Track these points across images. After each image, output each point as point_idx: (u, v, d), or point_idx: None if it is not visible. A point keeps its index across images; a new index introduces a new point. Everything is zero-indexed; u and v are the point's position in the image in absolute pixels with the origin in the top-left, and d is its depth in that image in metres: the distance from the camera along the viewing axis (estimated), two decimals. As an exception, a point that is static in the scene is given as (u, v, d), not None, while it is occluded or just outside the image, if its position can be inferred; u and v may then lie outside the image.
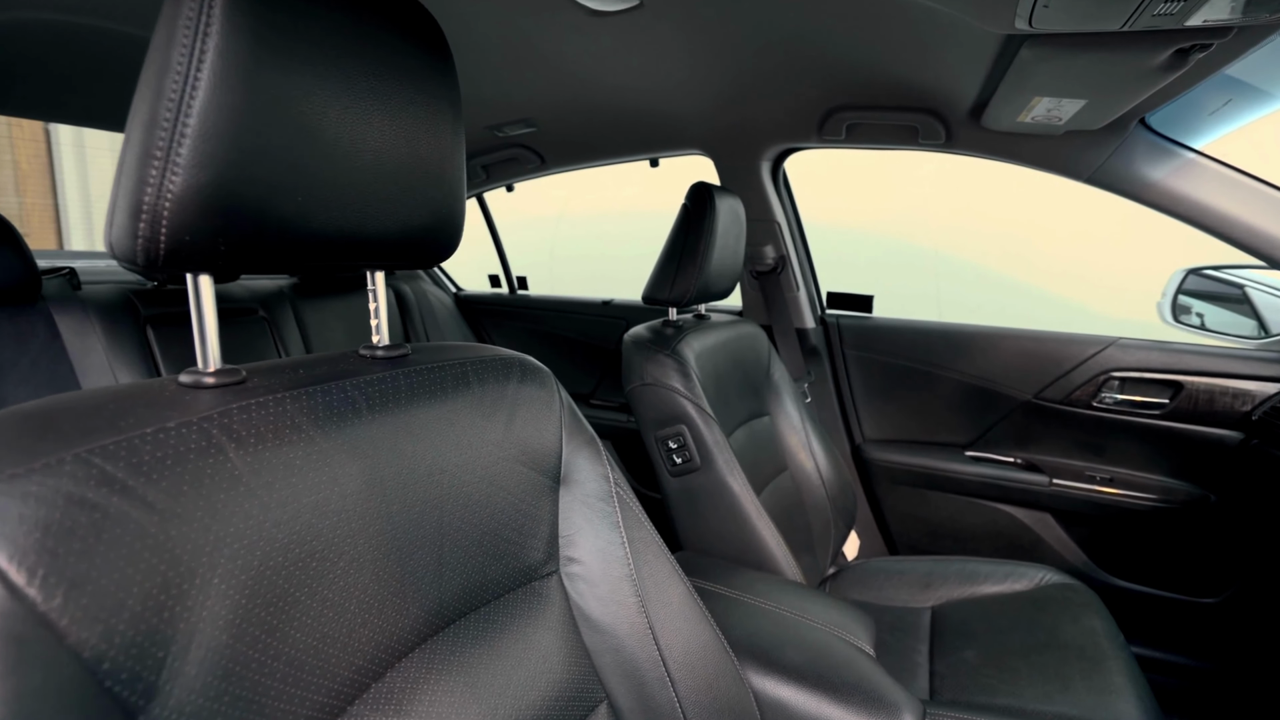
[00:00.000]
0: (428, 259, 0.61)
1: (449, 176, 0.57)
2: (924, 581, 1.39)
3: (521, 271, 2.46)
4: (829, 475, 1.46)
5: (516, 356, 0.70)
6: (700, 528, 1.19)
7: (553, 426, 0.68)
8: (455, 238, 0.61)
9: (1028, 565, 1.35)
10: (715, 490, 1.16)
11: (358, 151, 0.48)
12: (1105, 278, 1.93)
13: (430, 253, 0.59)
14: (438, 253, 0.60)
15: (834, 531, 1.47)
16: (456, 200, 0.59)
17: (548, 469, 0.66)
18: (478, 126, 1.76)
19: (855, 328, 1.77)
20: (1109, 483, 1.50)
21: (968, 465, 1.63)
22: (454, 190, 0.59)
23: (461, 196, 0.61)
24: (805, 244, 1.82)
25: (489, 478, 0.60)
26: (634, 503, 0.75)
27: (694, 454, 1.16)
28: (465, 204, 0.62)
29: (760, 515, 1.15)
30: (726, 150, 1.66)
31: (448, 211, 0.58)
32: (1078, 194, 1.40)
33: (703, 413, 1.16)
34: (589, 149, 1.83)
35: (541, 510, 0.66)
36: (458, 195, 0.60)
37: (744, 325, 1.44)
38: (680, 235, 1.25)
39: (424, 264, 0.63)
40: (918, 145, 1.46)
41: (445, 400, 0.58)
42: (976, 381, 1.63)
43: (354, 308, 2.01)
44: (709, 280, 1.26)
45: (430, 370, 0.60)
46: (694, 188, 1.27)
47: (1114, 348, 1.48)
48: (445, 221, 0.58)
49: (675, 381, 1.17)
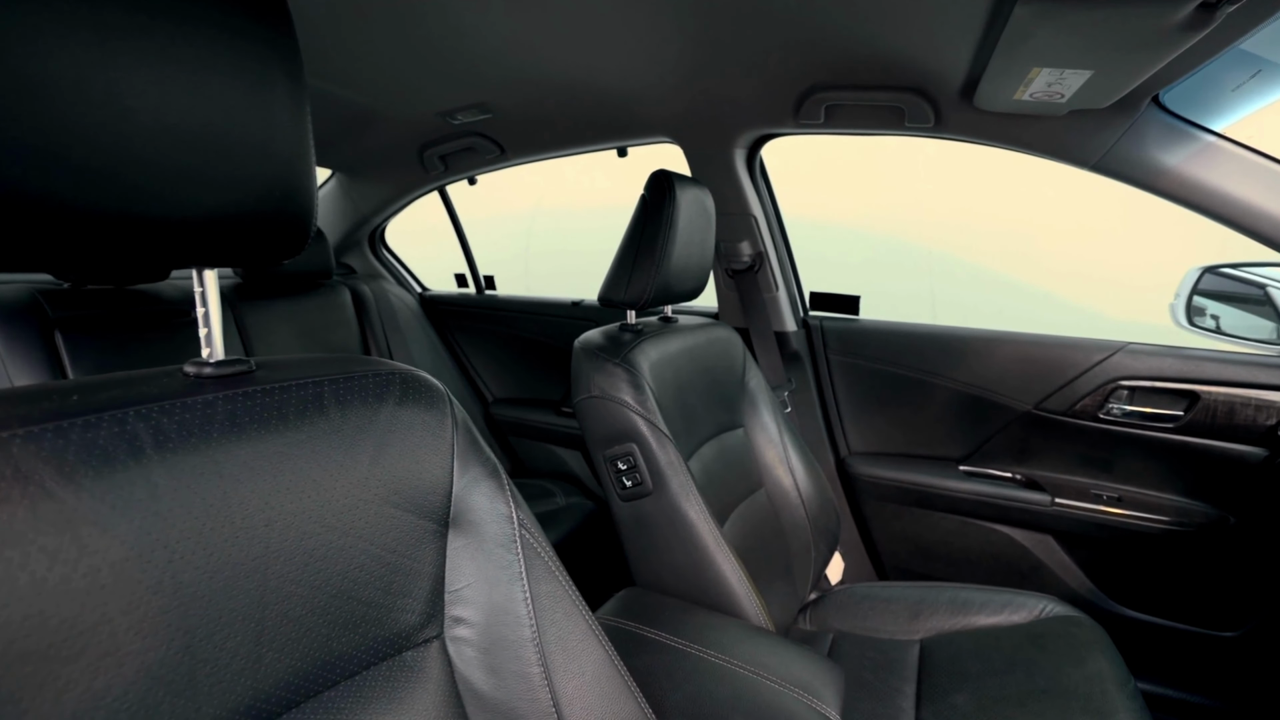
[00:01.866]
0: (267, 253, 0.49)
1: (283, 150, 0.45)
2: (913, 610, 1.28)
3: (496, 268, 2.34)
4: (809, 492, 1.34)
5: (400, 371, 0.57)
6: (653, 560, 1.06)
7: (440, 457, 0.56)
8: (301, 228, 0.49)
9: (1027, 594, 1.24)
10: (668, 518, 1.02)
11: (127, 113, 0.37)
12: (1111, 277, 1.80)
13: (268, 246, 0.48)
14: (279, 246, 0.49)
15: (815, 554, 1.35)
16: (297, 179, 0.47)
17: (431, 510, 0.55)
18: (429, 113, 1.63)
19: (840, 331, 1.65)
20: (1117, 502, 1.38)
21: (962, 482, 1.51)
22: (294, 168, 0.47)
23: (306, 174, 0.48)
24: (785, 239, 1.69)
25: (344, 526, 0.48)
26: (544, 548, 0.62)
27: (645, 476, 1.03)
28: (313, 187, 0.50)
29: (720, 547, 1.01)
30: (696, 137, 1.53)
31: (284, 194, 0.46)
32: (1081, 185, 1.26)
33: (655, 430, 1.03)
34: (550, 138, 1.71)
35: (420, 561, 0.54)
36: (299, 173, 0.47)
37: (716, 329, 1.31)
38: (637, 229, 1.12)
39: (264, 260, 0.51)
40: (904, 130, 1.32)
41: (285, 431, 0.46)
42: (972, 390, 1.51)
43: (305, 309, 1.87)
44: (670, 279, 1.13)
45: (270, 393, 0.47)
46: (653, 176, 1.14)
47: (1123, 354, 1.35)
48: (282, 207, 0.46)
49: (625, 394, 1.04)
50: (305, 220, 0.49)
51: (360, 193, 2.14)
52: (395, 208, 2.17)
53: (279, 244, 0.48)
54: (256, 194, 0.45)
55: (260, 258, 0.49)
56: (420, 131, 1.75)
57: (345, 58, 1.33)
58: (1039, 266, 1.88)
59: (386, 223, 2.29)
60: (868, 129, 1.37)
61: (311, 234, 0.51)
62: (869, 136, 1.42)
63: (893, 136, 1.38)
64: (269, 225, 0.46)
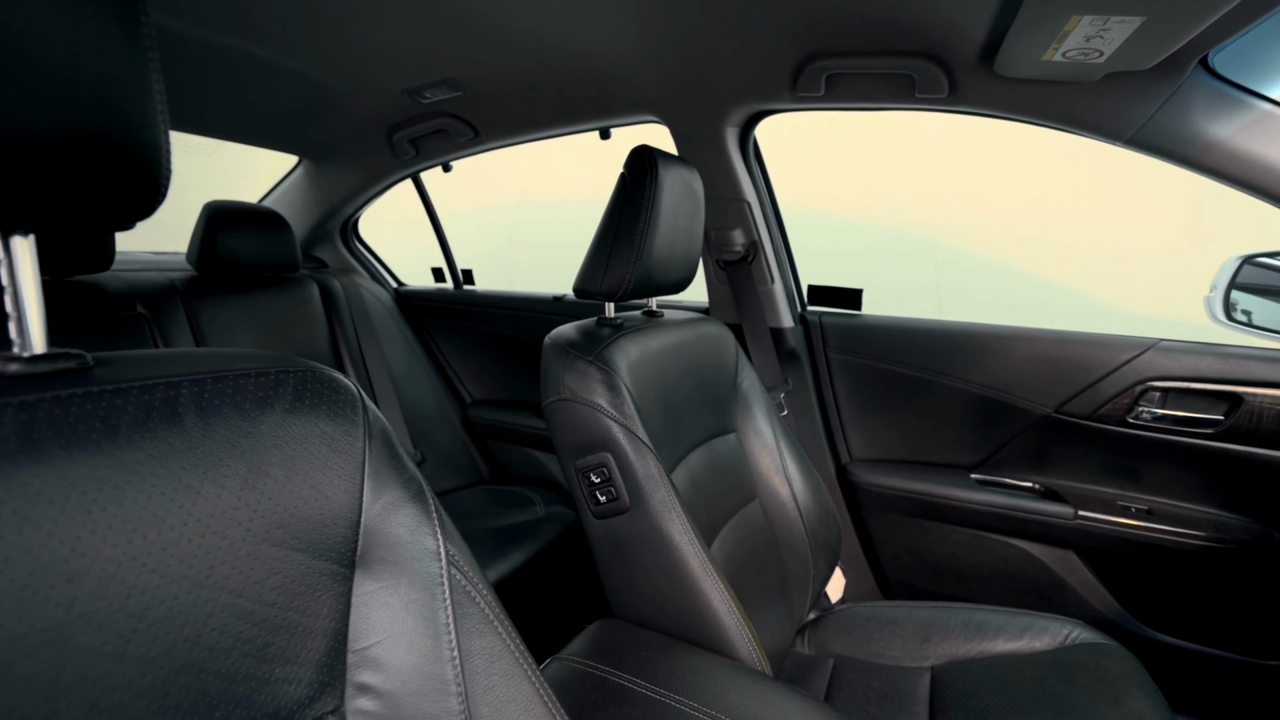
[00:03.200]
0: (94, 208, 0.37)
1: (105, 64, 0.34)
2: (922, 633, 1.17)
3: (478, 261, 2.21)
4: (808, 503, 1.23)
5: (296, 368, 0.45)
6: (630, 587, 0.93)
7: (344, 478, 0.45)
8: (144, 172, 0.37)
9: (1049, 617, 1.13)
10: (647, 539, 0.89)
11: None
12: (1138, 269, 1.67)
13: (93, 196, 0.36)
14: (110, 198, 0.36)
15: (813, 571, 1.24)
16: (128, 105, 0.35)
17: (331, 547, 0.44)
18: (395, 91, 1.50)
19: (841, 327, 1.53)
20: (1146, 516, 1.27)
21: (975, 492, 1.39)
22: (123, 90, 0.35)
23: (145, 110, 0.36)
24: (782, 227, 1.57)
25: (197, 575, 0.37)
26: (481, 591, 0.50)
27: (621, 491, 0.90)
28: (156, 120, 0.37)
29: (707, 573, 0.88)
30: (684, 115, 1.40)
31: (107, 123, 0.34)
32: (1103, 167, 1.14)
33: (633, 438, 0.90)
34: (526, 118, 1.58)
35: (313, 615, 0.43)
36: (132, 99, 0.35)
37: (705, 324, 1.19)
38: (615, 212, 0.99)
39: (92, 221, 0.38)
40: (914, 102, 1.19)
41: (112, 449, 0.35)
42: (986, 391, 1.39)
43: (268, 305, 1.74)
44: (653, 269, 1.01)
45: (94, 399, 0.36)
46: (633, 151, 1.01)
47: (1154, 351, 1.23)
48: (107, 140, 0.35)
49: (599, 396, 0.91)
50: (148, 164, 0.37)
51: (328, 181, 2.01)
52: (366, 197, 2.05)
53: (109, 195, 0.36)
54: (63, 112, 0.32)
55: (85, 214, 0.36)
56: (387, 112, 1.63)
57: (301, 29, 1.20)
58: (1054, 258, 1.76)
59: (359, 213, 2.16)
60: (873, 102, 1.24)
61: (165, 184, 0.39)
62: (874, 112, 1.29)
63: (899, 112, 1.25)
64: (87, 163, 0.34)
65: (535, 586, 1.48)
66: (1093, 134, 1.09)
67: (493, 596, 0.52)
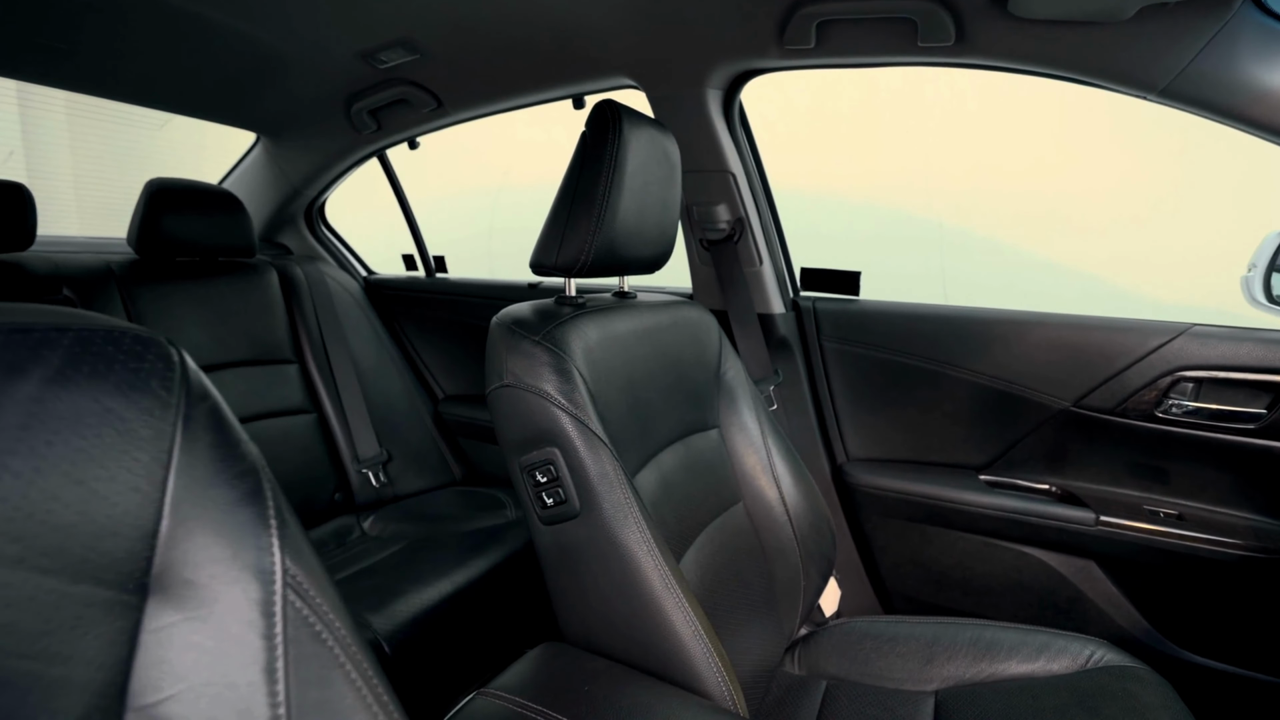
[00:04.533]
0: None
1: None
2: (926, 652, 1.07)
3: (458, 246, 2.09)
4: (798, 507, 1.12)
5: (81, 323, 0.34)
6: (580, 605, 0.80)
7: (137, 473, 0.34)
8: None
9: (1067, 636, 1.03)
10: (599, 548, 0.77)
11: None
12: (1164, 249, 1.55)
13: None
14: None
15: (804, 582, 1.13)
16: None
17: (106, 567, 0.33)
18: (347, 53, 1.38)
19: (837, 313, 1.43)
20: (1178, 521, 1.17)
21: (984, 494, 1.29)
22: None
23: None
24: (771, 203, 1.46)
25: None
26: (333, 627, 0.39)
27: (569, 492, 0.78)
28: None
29: (670, 590, 0.75)
30: (660, 76, 1.28)
31: None
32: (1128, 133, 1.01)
33: (585, 431, 0.77)
34: (491, 85, 1.47)
35: (70, 663, 0.31)
36: None
37: (684, 308, 1.08)
38: (573, 175, 0.87)
39: None
40: (916, 54, 1.07)
41: None
42: (996, 384, 1.29)
43: (219, 293, 1.62)
44: (618, 242, 0.89)
45: None
46: (595, 107, 0.89)
47: (1186, 337, 1.13)
48: None
49: (546, 382, 0.78)
50: None
51: (288, 160, 1.89)
52: (329, 177, 1.93)
53: None
54: None
55: None
56: (343, 80, 1.51)
57: None
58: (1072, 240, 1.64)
59: (324, 196, 2.04)
60: (870, 56, 1.11)
61: None
62: (871, 69, 1.16)
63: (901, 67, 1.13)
64: None
65: (494, 598, 1.35)
66: (1121, 85, 0.97)
67: (352, 634, 0.39)
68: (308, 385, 1.72)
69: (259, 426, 1.56)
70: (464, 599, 1.28)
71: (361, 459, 1.72)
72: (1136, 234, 1.54)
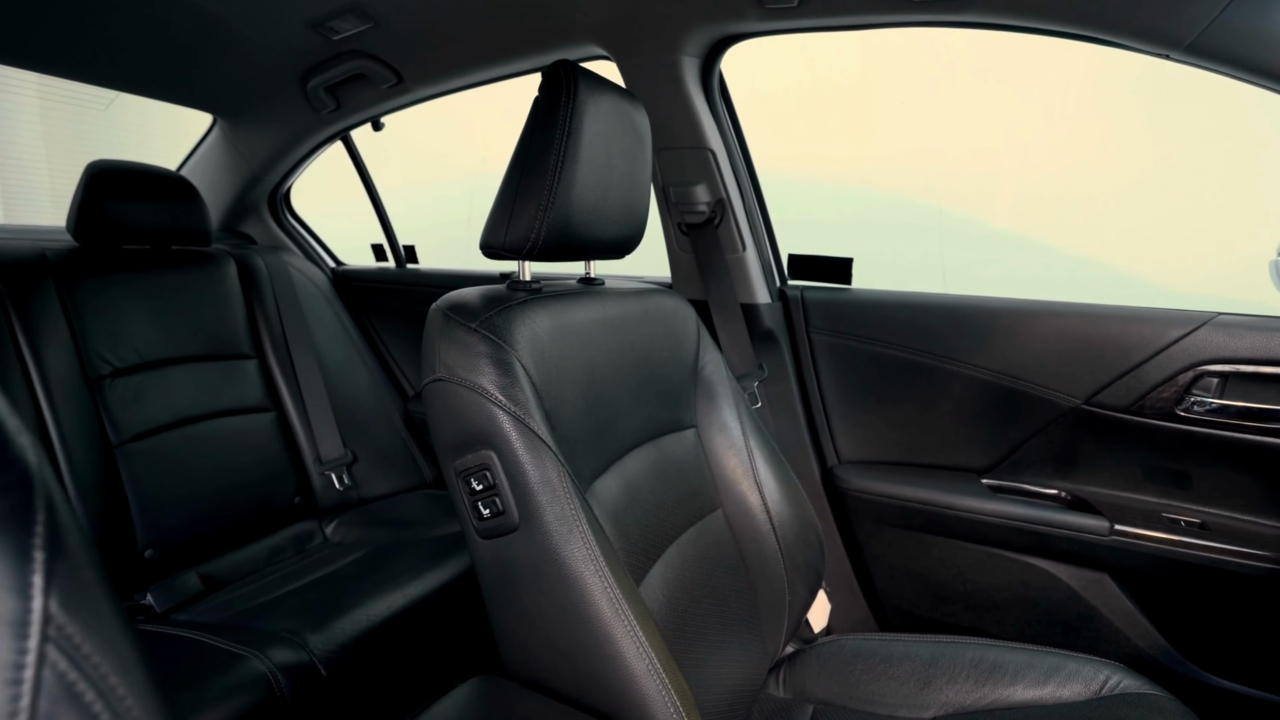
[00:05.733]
0: None
1: None
2: (923, 675, 1.00)
3: (434, 234, 2.01)
4: (783, 514, 1.05)
5: None
6: (520, 633, 0.71)
7: None
8: None
9: (1080, 658, 0.96)
10: (541, 568, 0.68)
11: None
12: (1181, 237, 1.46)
13: None
14: None
15: (790, 597, 1.06)
16: None
17: None
18: (296, 22, 1.29)
19: (827, 303, 1.36)
20: (1200, 531, 1.10)
21: (986, 500, 1.23)
22: None
23: None
24: (755, 183, 1.38)
25: None
26: (108, 696, 0.26)
27: (507, 502, 0.68)
28: None
29: (620, 616, 0.66)
30: (632, 43, 1.20)
31: None
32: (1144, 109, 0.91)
33: (526, 432, 0.68)
34: (453, 58, 1.38)
35: None
36: None
37: (657, 297, 1.00)
38: (524, 144, 0.78)
39: None
40: (909, 11, 0.98)
41: None
42: (1001, 379, 1.23)
43: (171, 284, 1.52)
44: (575, 220, 0.80)
45: None
46: (549, 68, 0.79)
47: (1211, 327, 1.06)
48: None
49: (483, 376, 0.69)
50: None
51: (246, 143, 1.81)
52: (291, 162, 1.85)
53: None
54: None
55: None
56: (296, 53, 1.43)
57: None
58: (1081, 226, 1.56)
59: (288, 182, 1.96)
60: (861, 15, 1.03)
61: None
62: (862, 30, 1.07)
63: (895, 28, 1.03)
64: None
65: (449, 615, 1.27)
66: (1141, 43, 0.88)
67: (147, 707, 0.28)
68: (267, 382, 1.64)
69: (213, 426, 1.47)
70: (416, 615, 1.19)
71: (324, 460, 1.64)
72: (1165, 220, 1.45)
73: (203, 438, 1.45)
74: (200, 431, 1.45)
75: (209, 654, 1.00)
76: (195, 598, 1.27)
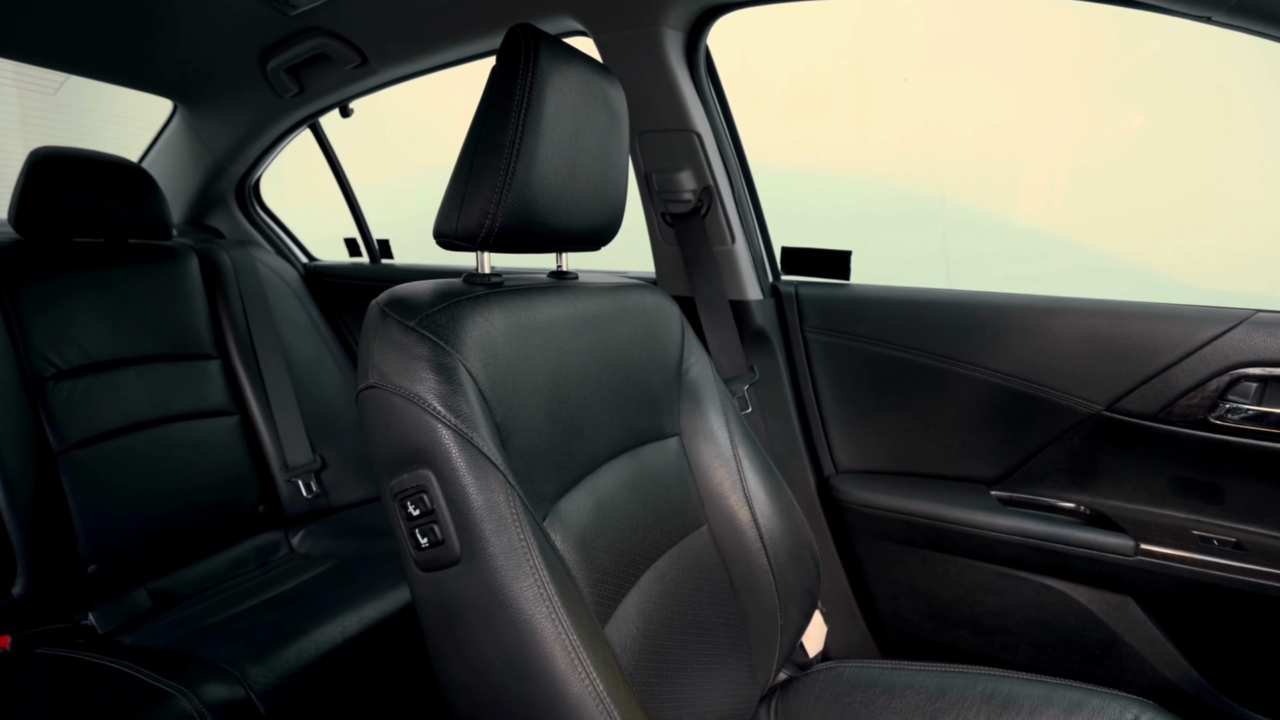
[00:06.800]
0: None
1: None
2: (929, 709, 0.94)
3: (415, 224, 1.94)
4: (775, 530, 0.98)
5: None
6: (468, 679, 0.62)
7: None
8: None
9: (1103, 693, 0.88)
10: (485, 608, 0.59)
11: None
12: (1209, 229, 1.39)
13: None
14: None
15: (783, 620, 1.00)
16: None
17: None
18: (250, -4, 1.19)
19: (824, 300, 1.30)
20: (1235, 550, 1.03)
21: (998, 515, 1.17)
22: None
23: None
24: (745, 169, 1.31)
25: None
26: None
27: (447, 530, 0.59)
28: None
29: (575, 665, 0.57)
30: (608, 12, 1.12)
31: None
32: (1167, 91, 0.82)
33: (469, 450, 0.59)
34: (419, 35, 1.31)
35: None
36: None
37: (637, 293, 0.92)
38: (478, 121, 0.70)
39: None
40: None
41: None
42: (1013, 382, 1.17)
43: (126, 281, 1.44)
44: (537, 204, 0.71)
45: None
46: (508, 33, 0.70)
47: (1248, 326, 0.99)
48: None
49: (420, 383, 0.60)
50: None
51: (207, 131, 1.73)
52: (256, 150, 1.78)
53: None
54: None
55: None
56: (253, 32, 1.35)
57: None
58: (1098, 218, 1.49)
59: (255, 173, 1.89)
60: None
61: None
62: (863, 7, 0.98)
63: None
64: None
65: (407, 641, 1.20)
66: (1180, 4, 0.78)
67: None
68: (231, 384, 1.56)
69: (171, 430, 1.40)
70: (372, 641, 1.12)
71: (291, 466, 1.57)
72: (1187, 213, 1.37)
73: (159, 443, 1.37)
74: (156, 436, 1.38)
75: (134, 690, 0.91)
76: (142, 617, 1.19)
